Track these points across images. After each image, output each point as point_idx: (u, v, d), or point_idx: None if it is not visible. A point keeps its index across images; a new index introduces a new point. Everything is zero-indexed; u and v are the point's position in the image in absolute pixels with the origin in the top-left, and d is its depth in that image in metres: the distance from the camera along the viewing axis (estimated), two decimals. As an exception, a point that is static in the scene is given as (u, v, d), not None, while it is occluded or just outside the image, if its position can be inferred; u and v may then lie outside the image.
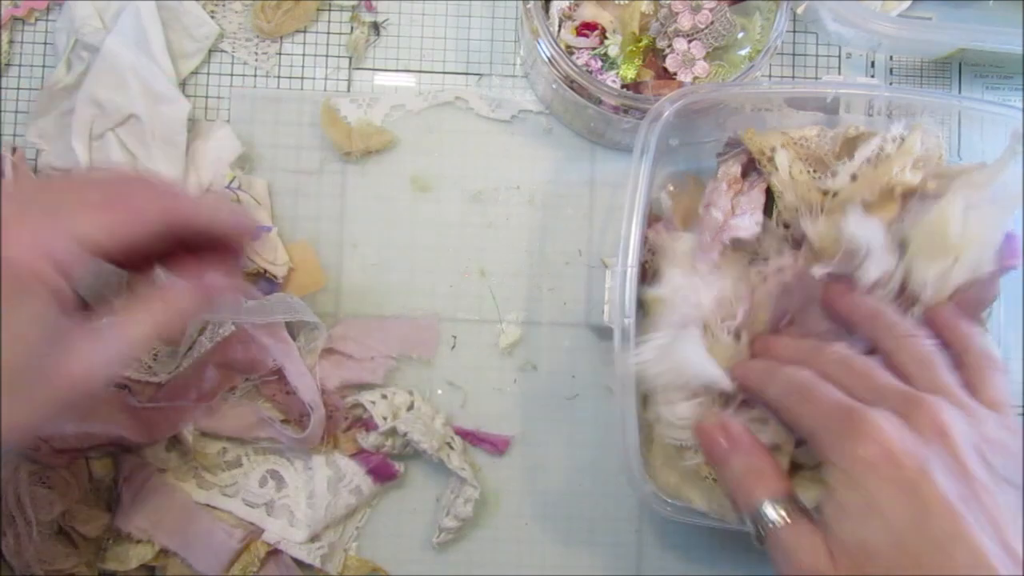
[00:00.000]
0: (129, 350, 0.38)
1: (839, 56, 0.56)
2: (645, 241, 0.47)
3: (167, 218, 0.38)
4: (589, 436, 0.53)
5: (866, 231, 0.43)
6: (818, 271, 0.44)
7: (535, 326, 0.53)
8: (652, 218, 0.49)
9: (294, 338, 0.50)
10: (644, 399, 0.45)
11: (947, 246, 0.43)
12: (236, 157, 0.51)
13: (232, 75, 0.54)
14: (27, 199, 0.36)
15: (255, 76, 0.54)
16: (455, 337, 0.53)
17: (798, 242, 0.47)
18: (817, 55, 0.56)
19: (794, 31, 0.55)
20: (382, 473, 0.50)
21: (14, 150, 0.51)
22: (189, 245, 0.40)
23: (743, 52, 0.49)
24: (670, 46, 0.49)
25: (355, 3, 0.54)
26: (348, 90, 0.54)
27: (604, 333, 0.48)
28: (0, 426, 0.34)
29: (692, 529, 0.49)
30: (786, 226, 0.48)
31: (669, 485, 0.45)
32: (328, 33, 0.54)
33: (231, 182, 0.51)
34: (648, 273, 0.47)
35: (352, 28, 0.54)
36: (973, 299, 0.44)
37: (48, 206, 0.36)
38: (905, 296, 0.45)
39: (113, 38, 0.49)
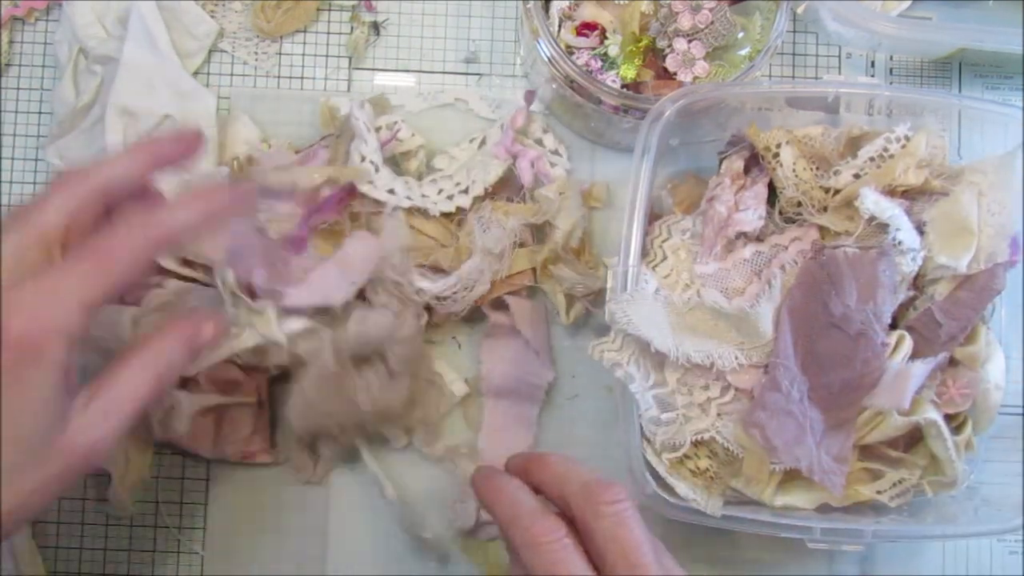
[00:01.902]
0: (130, 414, 0.37)
1: (839, 56, 0.56)
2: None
3: (153, 248, 0.37)
4: (589, 436, 0.53)
5: (888, 204, 0.44)
6: (845, 246, 0.45)
7: (535, 326, 0.53)
8: (653, 217, 0.49)
9: None
10: None
11: (965, 231, 0.44)
12: (262, 138, 0.52)
13: (232, 75, 0.54)
14: (20, 264, 0.35)
15: (255, 76, 0.54)
16: (455, 337, 0.53)
17: (799, 238, 0.47)
18: (817, 55, 0.56)
19: (794, 31, 0.55)
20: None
21: None
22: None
23: (743, 52, 0.49)
24: (670, 46, 0.49)
25: (355, 3, 0.54)
26: (348, 90, 0.54)
27: (604, 333, 0.48)
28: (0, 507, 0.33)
29: (692, 529, 0.49)
30: (788, 221, 0.48)
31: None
32: (328, 33, 0.54)
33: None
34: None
35: (352, 28, 0.54)
36: (982, 286, 0.45)
37: (44, 271, 0.35)
38: (921, 279, 0.46)
39: (130, 44, 0.49)
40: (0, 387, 0.33)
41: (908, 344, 0.45)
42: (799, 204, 0.47)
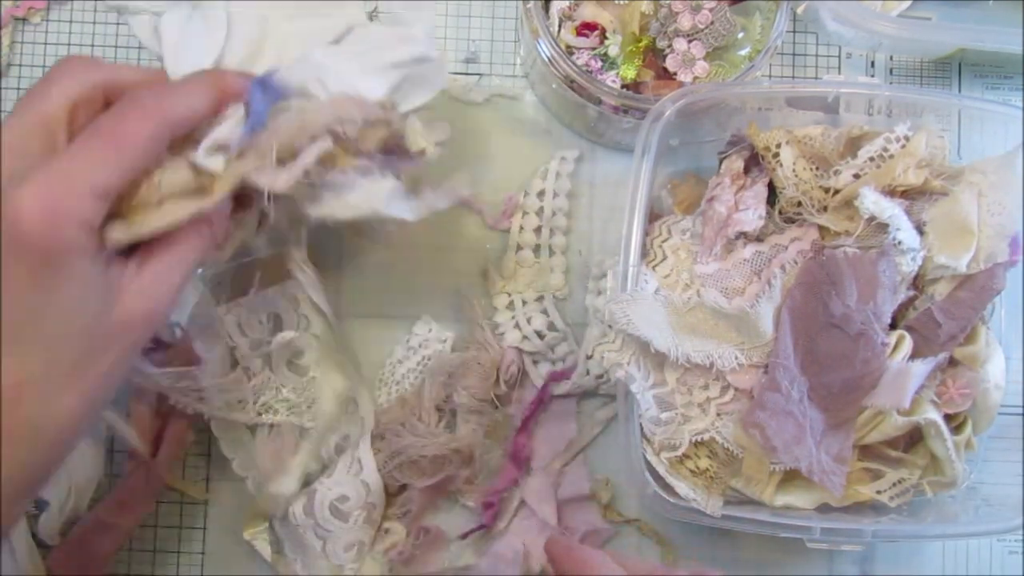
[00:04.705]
0: (181, 276, 0.36)
1: (839, 56, 0.56)
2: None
3: (167, 131, 0.35)
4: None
5: (888, 204, 0.44)
6: (845, 246, 0.45)
7: (535, 326, 0.53)
8: (653, 217, 0.49)
9: None
10: None
11: (965, 231, 0.44)
12: None
13: (232, 75, 0.54)
14: (23, 153, 0.33)
15: (255, 76, 0.54)
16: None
17: (799, 238, 0.47)
18: (817, 55, 0.56)
19: (794, 31, 0.55)
20: None
21: None
22: None
23: (743, 52, 0.49)
24: (670, 46, 0.49)
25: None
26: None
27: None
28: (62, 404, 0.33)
29: (692, 529, 0.49)
30: (788, 221, 0.48)
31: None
32: (328, 33, 0.54)
33: None
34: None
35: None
36: (981, 286, 0.45)
37: (49, 159, 0.33)
38: (921, 279, 0.46)
39: None
40: (34, 293, 0.32)
41: (908, 344, 0.45)
42: (799, 204, 0.47)
